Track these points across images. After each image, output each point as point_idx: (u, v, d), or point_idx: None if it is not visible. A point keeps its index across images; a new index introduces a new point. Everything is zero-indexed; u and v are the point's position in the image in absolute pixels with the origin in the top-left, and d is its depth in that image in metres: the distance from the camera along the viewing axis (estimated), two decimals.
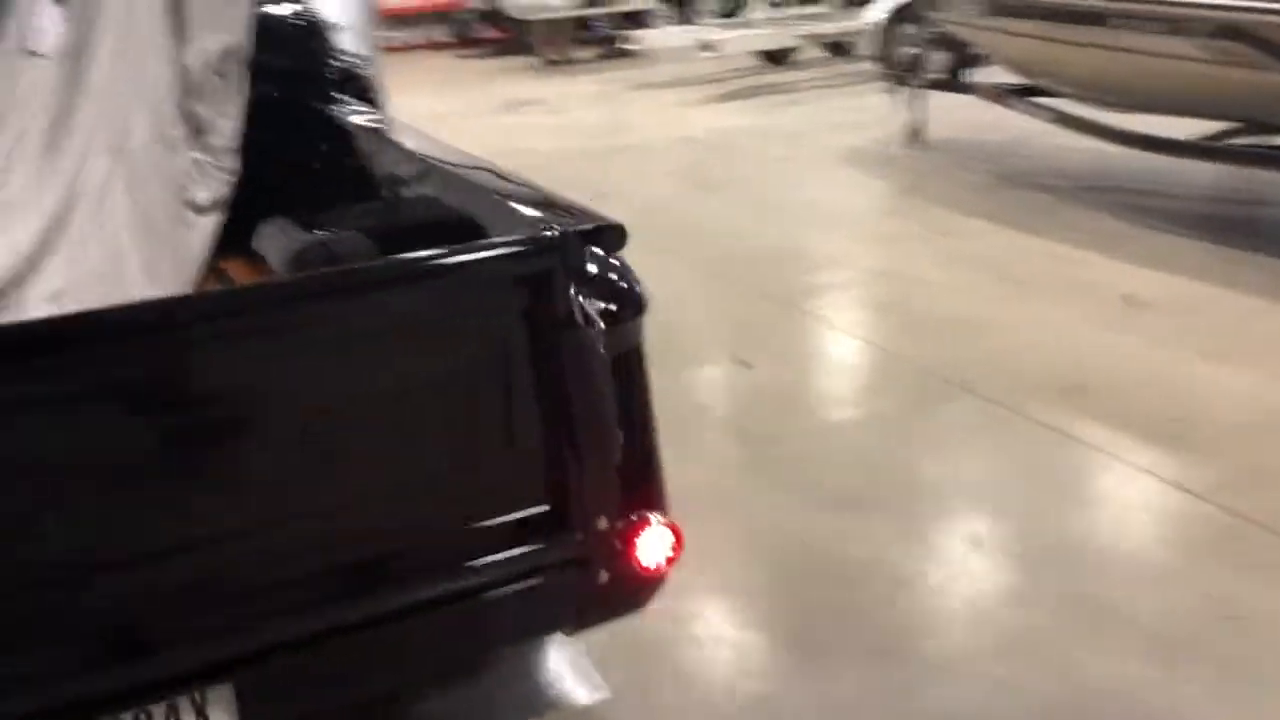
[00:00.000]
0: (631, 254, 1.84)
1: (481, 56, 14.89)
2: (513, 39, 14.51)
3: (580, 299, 1.66)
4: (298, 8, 3.50)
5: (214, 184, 3.00)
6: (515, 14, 13.65)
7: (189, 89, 3.02)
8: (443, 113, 11.08)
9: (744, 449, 3.90)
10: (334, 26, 3.60)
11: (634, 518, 1.83)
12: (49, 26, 2.83)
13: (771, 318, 4.97)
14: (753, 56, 11.68)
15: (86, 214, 2.58)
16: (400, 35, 16.58)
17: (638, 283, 1.89)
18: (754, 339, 4.72)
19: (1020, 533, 3.25)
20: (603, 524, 1.80)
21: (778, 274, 5.43)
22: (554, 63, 13.44)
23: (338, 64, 3.46)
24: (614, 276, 1.82)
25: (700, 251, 5.74)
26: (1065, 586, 2.95)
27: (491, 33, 15.40)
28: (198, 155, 3.01)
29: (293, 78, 3.31)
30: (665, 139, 8.77)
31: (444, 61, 14.75)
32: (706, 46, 10.23)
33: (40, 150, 2.57)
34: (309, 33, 3.46)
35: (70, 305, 2.42)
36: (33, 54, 2.78)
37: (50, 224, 2.46)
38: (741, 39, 10.76)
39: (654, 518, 1.87)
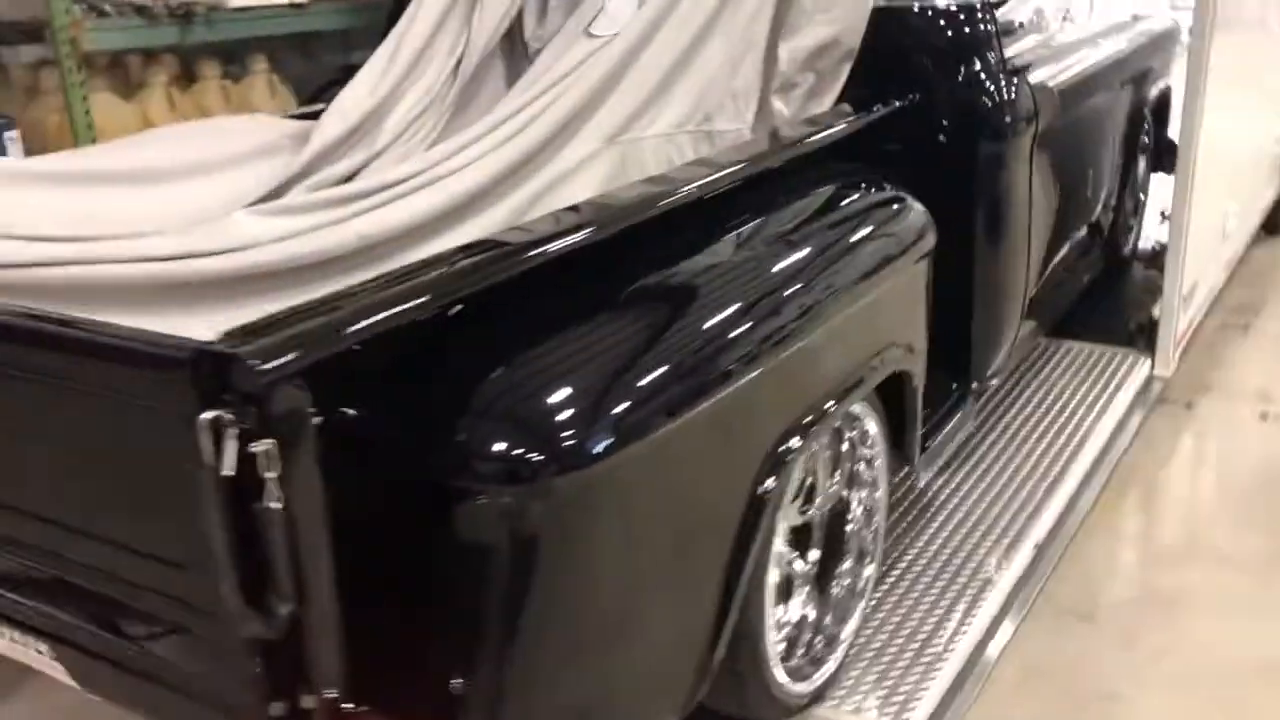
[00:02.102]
0: None
1: None
2: None
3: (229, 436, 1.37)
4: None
5: None
6: None
7: (777, 83, 2.90)
8: None
9: None
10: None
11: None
12: (619, 10, 2.95)
13: None
14: None
15: (517, 201, 2.54)
16: None
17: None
18: None
19: None
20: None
21: None
22: None
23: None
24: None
25: None
26: None
27: None
28: None
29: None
30: None
31: None
32: None
33: (510, 133, 2.68)
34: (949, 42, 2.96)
35: None
36: (590, 35, 2.94)
37: (458, 203, 2.44)
38: None
39: None
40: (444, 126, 2.98)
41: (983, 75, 2.92)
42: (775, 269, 2.09)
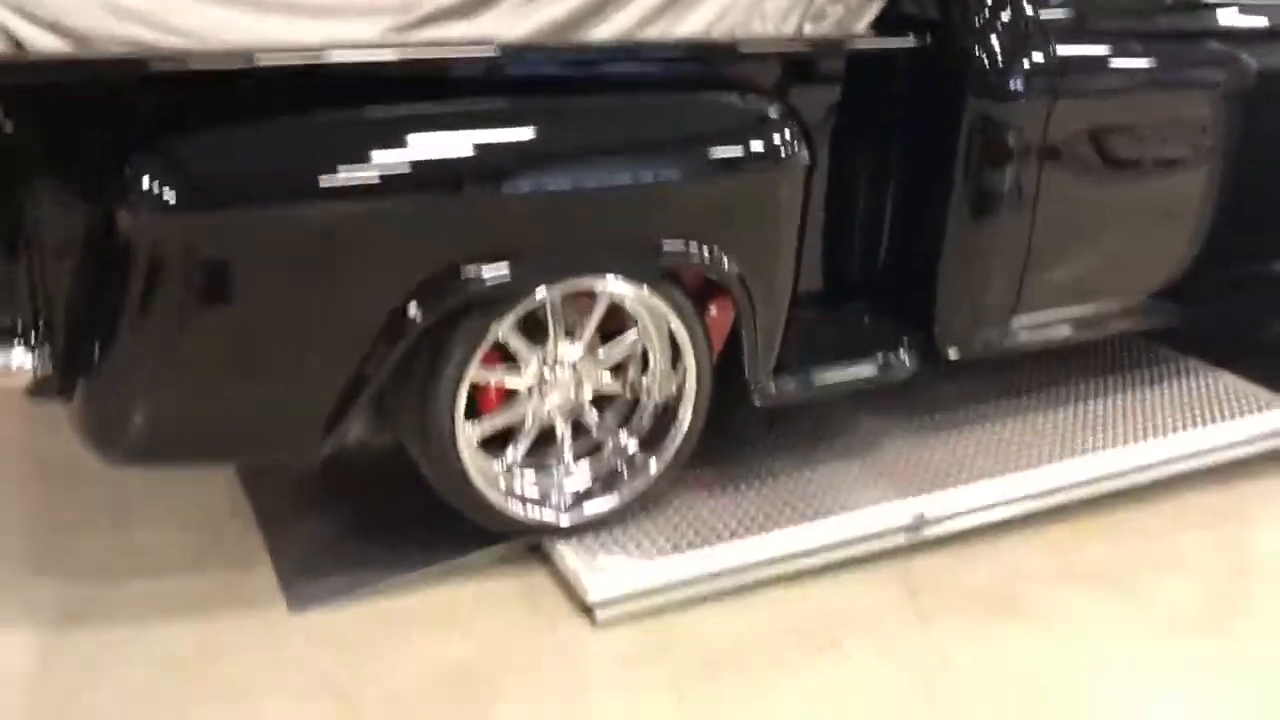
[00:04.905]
0: None
1: None
2: None
3: None
4: None
5: None
6: None
7: (812, 11, 3.04)
8: None
9: None
10: None
11: None
12: None
13: None
14: None
15: None
16: None
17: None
18: None
19: None
20: None
21: None
22: None
23: None
24: None
25: None
26: None
27: None
28: None
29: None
30: None
31: None
32: None
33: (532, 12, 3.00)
34: None
35: None
36: None
37: None
38: None
39: None
40: None
41: (991, 31, 2.81)
42: (518, 132, 2.41)
